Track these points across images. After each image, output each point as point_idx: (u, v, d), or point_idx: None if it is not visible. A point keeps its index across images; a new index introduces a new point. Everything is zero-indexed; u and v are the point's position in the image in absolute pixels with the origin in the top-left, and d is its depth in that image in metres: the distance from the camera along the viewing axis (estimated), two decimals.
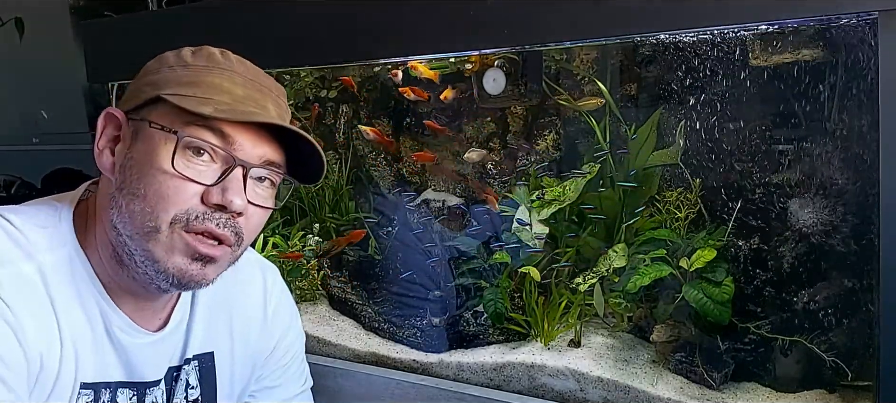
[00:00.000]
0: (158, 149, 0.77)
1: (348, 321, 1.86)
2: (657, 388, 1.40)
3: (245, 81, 0.83)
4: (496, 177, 1.78)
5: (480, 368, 1.56)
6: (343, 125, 2.03)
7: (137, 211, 0.77)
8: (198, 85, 0.80)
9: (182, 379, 0.93)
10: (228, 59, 0.84)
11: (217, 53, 0.84)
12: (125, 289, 0.84)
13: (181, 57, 0.83)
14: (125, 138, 0.81)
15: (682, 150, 1.48)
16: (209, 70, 0.81)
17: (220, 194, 0.78)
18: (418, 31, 1.39)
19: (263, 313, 1.02)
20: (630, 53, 1.57)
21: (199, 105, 0.77)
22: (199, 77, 0.80)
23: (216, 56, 0.83)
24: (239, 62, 0.85)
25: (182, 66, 0.82)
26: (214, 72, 0.81)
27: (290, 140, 0.83)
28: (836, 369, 1.29)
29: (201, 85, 0.80)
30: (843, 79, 1.25)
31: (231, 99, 0.79)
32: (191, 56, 0.83)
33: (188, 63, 0.82)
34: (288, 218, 2.11)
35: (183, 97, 0.78)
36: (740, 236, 1.41)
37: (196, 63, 0.82)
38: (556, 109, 1.68)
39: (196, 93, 0.78)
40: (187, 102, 0.77)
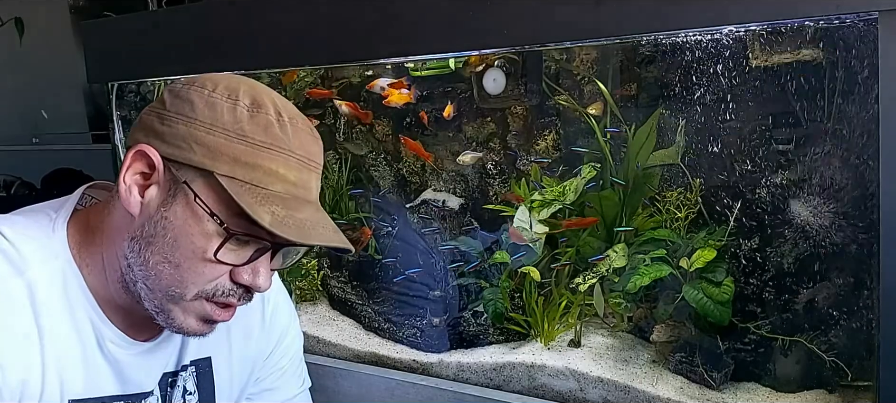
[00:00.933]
0: (199, 229, 0.75)
1: (348, 321, 1.86)
2: (657, 388, 1.40)
3: (299, 162, 0.78)
4: (496, 177, 1.78)
5: (480, 368, 1.56)
6: (343, 125, 2.03)
7: (165, 275, 0.76)
8: (255, 169, 0.75)
9: (179, 386, 0.92)
10: (286, 131, 0.78)
11: (275, 121, 0.77)
12: (121, 305, 0.83)
13: (238, 118, 0.76)
14: (160, 188, 0.77)
15: (682, 150, 1.48)
16: (268, 150, 0.76)
17: (250, 277, 0.79)
18: (418, 31, 1.39)
19: (262, 315, 1.01)
20: (630, 53, 1.57)
21: (256, 207, 0.73)
22: (257, 159, 0.75)
23: (275, 128, 0.77)
24: (295, 133, 0.78)
25: (239, 136, 0.75)
26: (273, 151, 0.76)
27: None
28: (836, 369, 1.29)
29: (258, 170, 0.75)
30: (843, 79, 1.25)
31: (286, 191, 0.77)
32: (248, 121, 0.76)
33: (246, 134, 0.75)
34: None
35: (240, 187, 0.74)
36: (740, 236, 1.41)
37: (254, 137, 0.75)
38: (556, 109, 1.68)
39: (252, 179, 0.74)
40: (244, 197, 0.73)
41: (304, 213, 0.77)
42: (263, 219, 0.72)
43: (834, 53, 1.25)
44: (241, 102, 0.76)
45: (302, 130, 0.80)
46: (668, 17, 1.15)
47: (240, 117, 0.76)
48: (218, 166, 0.74)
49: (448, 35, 1.37)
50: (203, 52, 1.70)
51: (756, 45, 1.33)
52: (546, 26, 1.26)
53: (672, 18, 1.15)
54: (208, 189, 0.75)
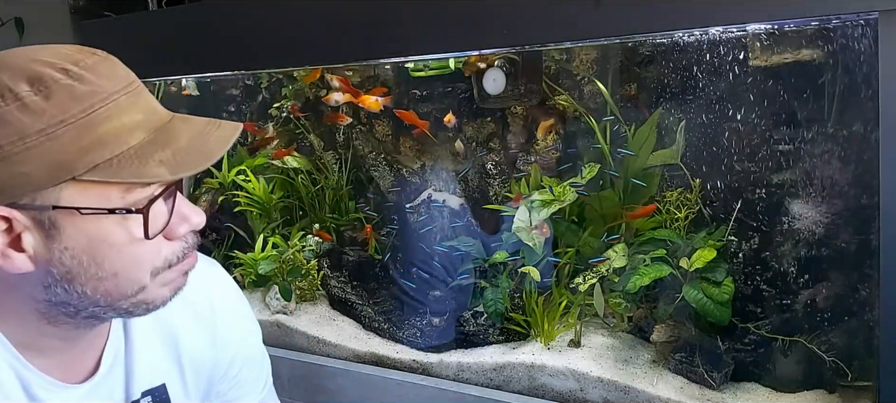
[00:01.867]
0: (108, 228, 0.67)
1: (348, 321, 1.86)
2: (657, 388, 1.39)
3: (128, 96, 0.69)
4: (496, 177, 1.78)
5: (480, 368, 1.56)
6: (343, 125, 2.03)
7: (112, 288, 0.70)
8: (105, 140, 0.65)
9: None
10: (86, 80, 0.66)
11: (69, 79, 0.65)
12: (45, 345, 0.74)
13: (38, 110, 0.63)
14: (33, 229, 0.66)
15: (682, 150, 1.48)
16: (95, 111, 0.65)
17: (184, 224, 0.73)
18: (418, 30, 1.39)
19: (212, 328, 0.93)
20: (630, 53, 1.57)
21: (144, 169, 0.65)
22: (96, 130, 0.65)
23: (77, 86, 0.65)
24: (95, 74, 0.67)
25: (59, 125, 0.63)
26: (100, 108, 0.65)
27: None
28: (836, 369, 1.29)
29: (109, 138, 0.65)
30: (843, 79, 1.25)
31: (146, 131, 0.68)
32: (50, 104, 0.63)
33: (62, 118, 0.63)
34: (288, 218, 2.12)
35: (109, 168, 0.65)
36: (740, 236, 1.41)
37: (72, 112, 0.64)
38: (556, 109, 1.68)
39: (112, 152, 0.65)
40: (124, 173, 0.65)
41: (182, 133, 0.70)
42: (161, 175, 0.66)
43: (834, 53, 1.26)
44: (21, 93, 0.63)
45: (98, 65, 0.68)
46: (668, 17, 1.15)
47: (36, 108, 0.63)
48: (71, 168, 0.64)
49: (448, 35, 1.37)
50: (203, 52, 1.70)
51: (756, 45, 1.33)
52: (546, 26, 1.26)
53: (672, 18, 1.15)
54: (84, 192, 0.65)
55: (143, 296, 0.72)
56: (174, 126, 0.71)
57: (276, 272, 1.92)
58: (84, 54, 0.69)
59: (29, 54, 0.67)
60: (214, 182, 2.19)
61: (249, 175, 2.09)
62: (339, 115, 1.92)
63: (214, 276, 0.96)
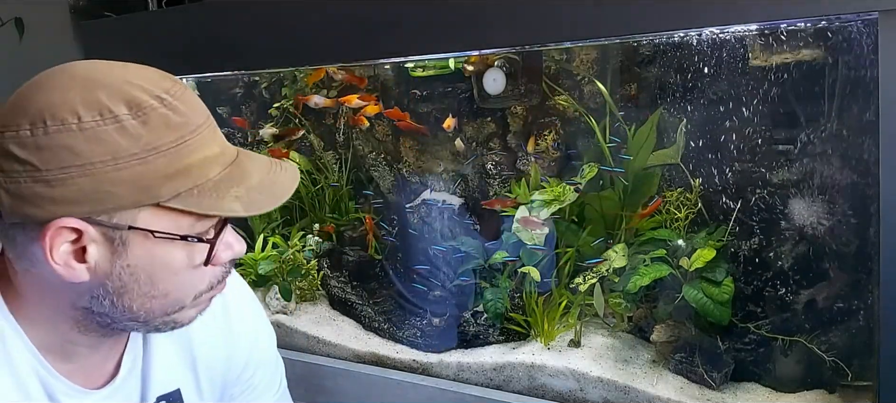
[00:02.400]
0: (173, 252, 0.71)
1: (348, 321, 1.86)
2: (657, 388, 1.40)
3: (209, 128, 0.72)
4: (496, 177, 1.78)
5: (480, 368, 1.56)
6: (343, 126, 2.03)
7: (157, 307, 0.73)
8: (189, 171, 0.68)
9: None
10: (178, 110, 0.69)
11: (164, 108, 0.68)
12: (69, 351, 0.77)
13: (135, 135, 0.66)
14: (100, 243, 0.68)
15: (682, 149, 1.48)
16: (185, 144, 0.68)
17: (228, 251, 0.77)
18: (418, 30, 1.39)
19: (227, 332, 0.95)
20: (630, 52, 1.57)
21: (222, 204, 0.69)
22: (183, 160, 0.68)
23: (171, 117, 0.68)
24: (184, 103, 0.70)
25: (151, 151, 0.66)
26: (189, 141, 0.69)
27: None
28: (836, 369, 1.29)
29: (192, 170, 0.68)
30: (843, 78, 1.25)
31: (221, 166, 0.71)
32: (146, 130, 0.66)
33: (156, 146, 0.66)
34: (288, 218, 2.12)
35: (190, 198, 0.68)
36: (740, 236, 1.41)
37: (165, 141, 0.67)
38: (556, 109, 1.69)
39: (194, 182, 0.68)
40: (204, 205, 0.69)
41: (252, 171, 0.74)
42: (236, 211, 0.70)
43: (834, 53, 1.26)
44: (120, 115, 0.66)
45: (181, 94, 0.71)
46: (668, 17, 1.15)
47: (135, 132, 0.66)
48: (156, 194, 0.67)
49: (448, 35, 1.37)
50: (203, 52, 1.70)
51: (756, 45, 1.33)
52: (546, 26, 1.26)
53: (672, 18, 1.15)
54: (160, 217, 0.68)
55: (178, 316, 0.76)
56: (244, 162, 0.75)
57: (276, 272, 1.92)
58: (172, 83, 0.72)
59: (122, 75, 0.70)
60: None
61: None
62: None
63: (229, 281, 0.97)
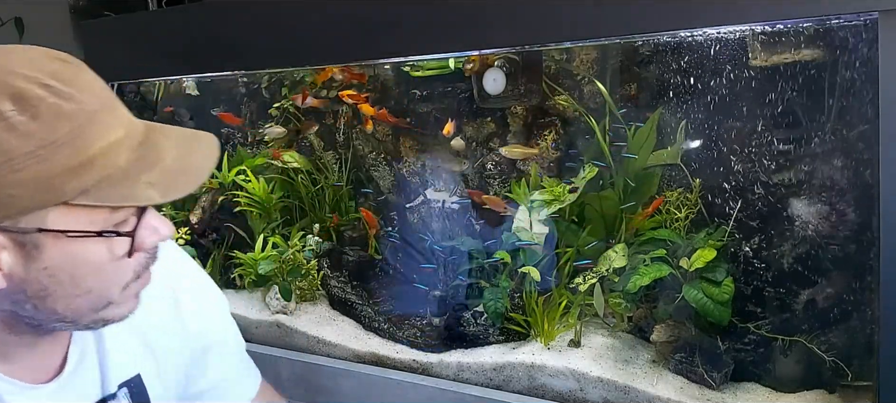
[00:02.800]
0: (91, 248, 0.66)
1: (348, 321, 1.86)
2: (657, 388, 1.40)
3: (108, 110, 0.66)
4: (496, 177, 1.78)
5: (480, 368, 1.56)
6: (343, 126, 2.03)
7: (84, 303, 0.69)
8: (93, 162, 0.63)
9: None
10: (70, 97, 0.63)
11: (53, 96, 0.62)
12: (6, 352, 0.73)
13: (25, 132, 0.60)
14: (11, 249, 0.64)
15: (682, 150, 1.48)
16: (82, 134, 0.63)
17: (154, 235, 0.72)
18: (418, 31, 1.39)
19: (176, 314, 0.92)
20: (630, 52, 1.57)
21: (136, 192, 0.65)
22: (84, 152, 0.63)
23: (63, 105, 0.62)
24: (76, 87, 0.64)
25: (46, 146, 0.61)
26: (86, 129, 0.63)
27: None
28: (836, 369, 1.29)
29: (97, 160, 0.63)
30: (843, 79, 1.25)
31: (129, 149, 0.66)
32: (37, 124, 0.61)
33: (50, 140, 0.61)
34: (288, 218, 2.12)
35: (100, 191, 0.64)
36: (740, 236, 1.41)
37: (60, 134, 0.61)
38: (556, 109, 1.69)
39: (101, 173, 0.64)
40: (114, 197, 0.64)
41: (165, 149, 0.69)
42: (153, 199, 0.66)
43: (834, 53, 1.26)
44: (5, 112, 0.60)
45: (72, 76, 0.65)
46: (668, 17, 1.15)
47: (25, 130, 0.60)
48: (61, 193, 0.62)
49: (448, 35, 1.37)
50: (203, 52, 1.70)
51: (756, 45, 1.33)
52: (546, 26, 1.26)
53: (672, 18, 1.15)
54: (72, 214, 0.64)
55: (106, 313, 0.72)
56: (155, 141, 0.70)
57: (276, 272, 1.92)
58: (61, 64, 0.66)
59: (4, 65, 0.63)
60: (214, 182, 2.19)
61: (249, 175, 2.09)
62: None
63: (173, 259, 0.93)
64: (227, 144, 2.25)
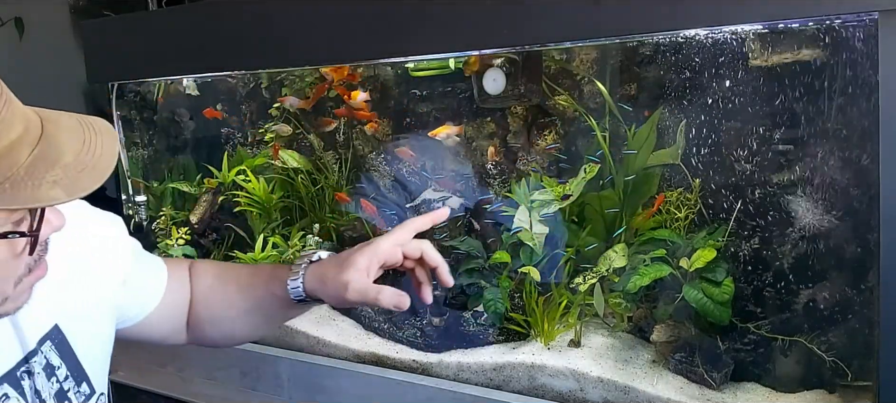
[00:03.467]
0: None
1: (348, 321, 1.86)
2: (657, 388, 1.40)
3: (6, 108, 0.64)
4: (496, 176, 1.78)
5: (480, 368, 1.56)
6: (342, 125, 2.03)
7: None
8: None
9: (37, 372, 0.82)
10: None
11: None
12: None
13: None
14: None
15: (682, 150, 1.48)
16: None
17: (47, 227, 0.70)
18: (418, 31, 1.39)
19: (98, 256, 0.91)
20: (630, 53, 1.57)
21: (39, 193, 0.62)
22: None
23: None
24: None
25: None
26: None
27: None
28: (835, 369, 1.29)
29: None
30: (843, 78, 1.25)
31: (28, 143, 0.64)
32: None
33: None
34: (288, 218, 2.12)
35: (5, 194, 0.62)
36: (740, 236, 1.41)
37: None
38: (556, 109, 1.69)
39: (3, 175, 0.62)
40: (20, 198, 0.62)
41: (64, 144, 0.67)
42: (58, 198, 0.63)
43: (834, 53, 1.26)
44: None
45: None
46: (668, 16, 1.15)
47: None
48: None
49: (448, 35, 1.37)
50: (203, 52, 1.70)
51: (756, 45, 1.33)
52: (546, 26, 1.26)
53: (672, 18, 1.15)
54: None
55: (4, 308, 0.71)
56: (52, 134, 0.67)
57: None
58: None
59: None
60: (214, 182, 2.19)
61: (249, 175, 2.10)
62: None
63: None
64: (227, 144, 2.25)
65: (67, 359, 0.86)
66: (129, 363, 1.94)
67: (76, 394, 0.87)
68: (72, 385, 0.86)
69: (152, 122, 2.28)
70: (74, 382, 0.87)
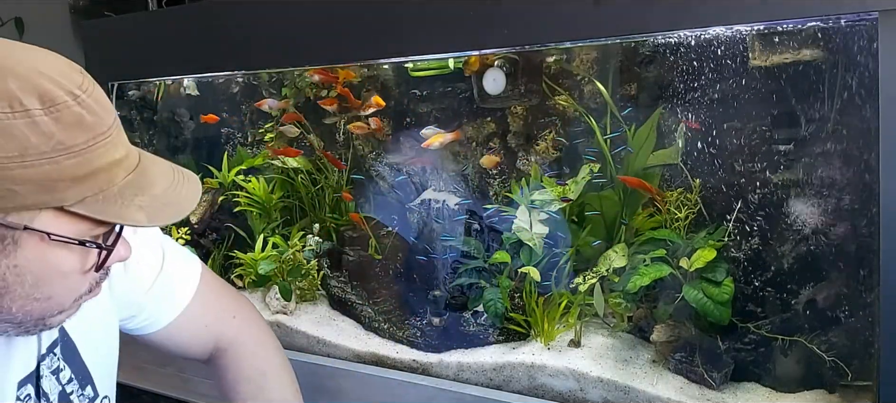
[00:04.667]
0: (66, 256, 0.69)
1: (348, 321, 1.86)
2: (657, 388, 1.40)
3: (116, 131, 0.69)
4: (496, 176, 1.78)
5: (480, 368, 1.56)
6: (343, 125, 2.03)
7: (37, 308, 0.71)
8: (97, 175, 0.66)
9: (46, 375, 0.85)
10: (90, 108, 0.66)
11: (78, 105, 0.65)
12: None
13: (46, 132, 0.62)
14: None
15: (682, 150, 1.48)
16: (95, 146, 0.66)
17: (116, 257, 0.75)
18: (418, 31, 1.39)
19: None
20: (630, 52, 1.57)
21: (126, 212, 0.67)
22: (92, 163, 0.65)
23: (85, 116, 0.65)
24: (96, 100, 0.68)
25: (62, 151, 0.63)
26: (99, 142, 0.66)
27: None
28: (835, 369, 1.29)
29: (100, 173, 0.66)
30: (843, 78, 1.25)
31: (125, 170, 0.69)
32: (58, 127, 0.63)
33: (68, 146, 0.63)
34: (288, 218, 2.12)
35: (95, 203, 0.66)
36: (740, 236, 1.41)
37: (76, 142, 0.64)
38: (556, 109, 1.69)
39: (100, 187, 0.66)
40: (108, 212, 0.67)
41: (156, 178, 0.72)
42: (140, 221, 0.68)
43: (834, 53, 1.26)
44: (32, 109, 0.62)
45: (93, 90, 0.68)
46: (668, 17, 1.15)
47: (47, 130, 0.62)
48: (62, 197, 0.64)
49: (448, 35, 1.37)
50: (203, 52, 1.70)
51: (756, 45, 1.33)
52: (546, 26, 1.26)
53: (672, 18, 1.15)
54: (60, 220, 0.66)
55: (53, 320, 0.74)
56: (147, 168, 0.73)
57: (276, 272, 1.92)
58: (82, 77, 0.69)
59: (33, 64, 0.65)
60: (214, 182, 2.19)
61: (253, 180, 2.10)
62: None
63: None
64: (227, 144, 2.25)
65: (72, 363, 0.88)
66: (130, 363, 1.94)
67: (80, 397, 0.88)
68: (75, 387, 0.88)
69: (152, 122, 2.28)
70: (78, 385, 0.88)
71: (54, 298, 0.71)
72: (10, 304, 0.69)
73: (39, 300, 0.70)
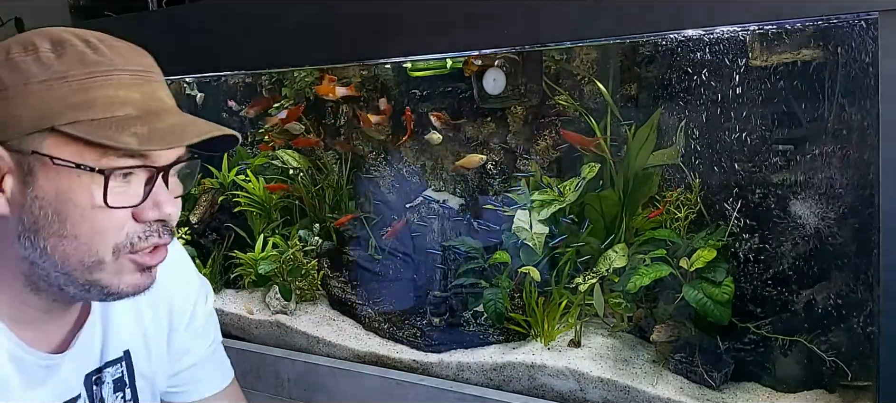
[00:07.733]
0: (75, 186, 0.70)
1: (348, 321, 1.86)
2: (657, 388, 1.40)
3: (134, 77, 0.73)
4: (496, 177, 1.78)
5: (480, 368, 1.56)
6: (343, 125, 2.03)
7: (70, 251, 0.72)
8: (94, 103, 0.69)
9: (106, 382, 0.88)
10: (102, 53, 0.72)
11: (86, 48, 0.71)
12: (35, 315, 0.78)
13: (47, 63, 0.70)
14: (14, 173, 0.71)
15: (682, 150, 1.48)
16: (94, 78, 0.70)
17: (155, 210, 0.74)
18: (418, 31, 1.39)
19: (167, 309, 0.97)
20: (630, 52, 1.57)
21: (117, 135, 0.69)
22: (89, 92, 0.70)
23: (90, 55, 0.71)
24: (113, 51, 0.73)
25: (58, 78, 0.69)
26: (99, 77, 0.70)
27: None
28: (835, 369, 1.29)
29: (97, 103, 0.70)
30: (843, 78, 1.25)
31: (137, 110, 0.72)
32: (58, 61, 0.70)
33: (64, 74, 0.69)
34: (288, 218, 2.12)
35: (89, 127, 0.69)
36: (740, 236, 1.41)
37: (73, 72, 0.70)
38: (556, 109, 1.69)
39: (96, 115, 0.69)
40: (99, 133, 0.69)
41: (168, 120, 0.73)
42: (129, 143, 0.69)
43: (834, 53, 1.26)
44: (40, 48, 0.70)
45: (119, 46, 0.74)
46: (669, 16, 1.15)
47: (47, 62, 0.70)
48: (55, 118, 0.69)
49: (448, 35, 1.37)
50: (203, 52, 1.70)
51: (756, 45, 1.33)
52: (546, 26, 1.26)
53: (672, 18, 1.15)
54: (60, 145, 0.70)
55: (100, 275, 0.74)
56: (165, 114, 0.74)
57: (276, 272, 1.92)
58: (117, 41, 0.75)
59: (68, 29, 0.73)
60: (214, 182, 2.19)
61: (250, 175, 2.09)
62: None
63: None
64: None
65: (129, 387, 0.92)
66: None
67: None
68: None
69: None
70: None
71: (80, 237, 0.72)
72: (45, 243, 0.72)
73: (67, 238, 0.72)
